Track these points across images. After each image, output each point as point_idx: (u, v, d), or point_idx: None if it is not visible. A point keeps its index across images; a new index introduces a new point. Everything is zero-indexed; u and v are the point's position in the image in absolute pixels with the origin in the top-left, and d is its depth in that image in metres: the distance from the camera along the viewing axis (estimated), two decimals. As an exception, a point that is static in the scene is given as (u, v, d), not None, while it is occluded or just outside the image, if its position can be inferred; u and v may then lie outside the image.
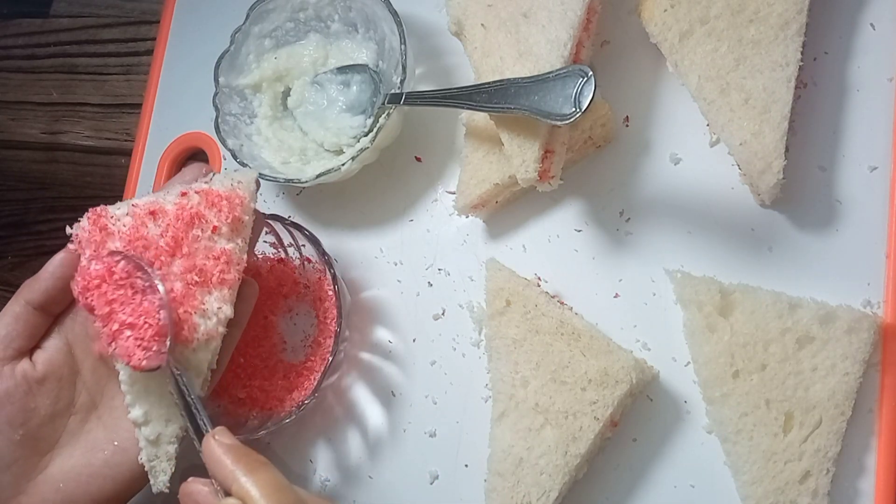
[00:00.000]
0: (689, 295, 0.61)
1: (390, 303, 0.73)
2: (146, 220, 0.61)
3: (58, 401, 0.61)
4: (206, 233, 0.61)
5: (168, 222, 0.60)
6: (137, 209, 0.61)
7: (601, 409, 0.60)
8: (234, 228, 0.62)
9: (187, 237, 0.60)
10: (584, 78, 0.58)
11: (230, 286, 0.60)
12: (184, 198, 0.61)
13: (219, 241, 0.61)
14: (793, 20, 0.60)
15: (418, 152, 0.75)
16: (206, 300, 0.59)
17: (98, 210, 0.61)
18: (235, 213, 0.61)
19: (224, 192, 0.62)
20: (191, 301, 0.59)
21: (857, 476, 0.58)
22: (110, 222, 0.60)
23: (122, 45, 0.94)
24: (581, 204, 0.69)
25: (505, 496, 0.61)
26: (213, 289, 0.60)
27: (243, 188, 0.62)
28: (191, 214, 0.61)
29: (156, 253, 0.60)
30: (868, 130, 0.62)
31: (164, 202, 0.61)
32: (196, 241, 0.60)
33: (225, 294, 0.60)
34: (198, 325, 0.59)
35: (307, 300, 0.73)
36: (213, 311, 0.59)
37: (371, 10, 0.74)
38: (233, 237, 0.61)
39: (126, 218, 0.61)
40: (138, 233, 0.60)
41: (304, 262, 0.73)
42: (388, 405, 0.71)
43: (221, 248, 0.61)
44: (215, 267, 0.60)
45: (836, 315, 0.58)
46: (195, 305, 0.59)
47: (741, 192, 0.64)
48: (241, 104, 0.78)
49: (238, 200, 0.62)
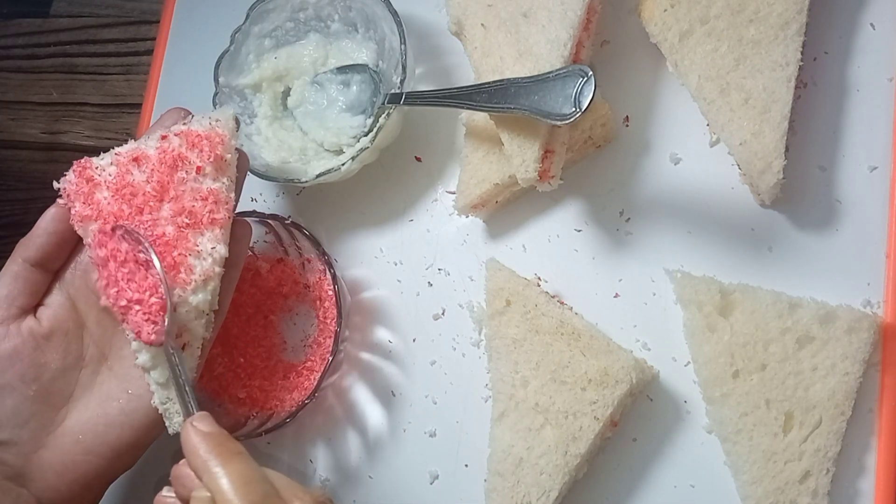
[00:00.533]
0: (689, 295, 0.61)
1: (390, 303, 0.73)
2: (130, 167, 0.61)
3: (67, 355, 0.62)
4: (190, 174, 0.61)
5: (152, 167, 0.61)
6: (120, 157, 0.62)
7: (601, 409, 0.60)
8: (218, 167, 0.62)
9: (173, 180, 0.61)
10: (584, 78, 0.58)
11: (221, 226, 0.61)
12: (164, 141, 0.62)
13: (204, 181, 0.61)
14: (793, 20, 0.60)
15: (418, 152, 0.75)
16: (198, 241, 0.60)
17: (83, 162, 0.62)
18: (217, 151, 0.62)
19: (203, 132, 0.62)
20: (184, 243, 0.60)
21: (857, 476, 0.58)
22: (95, 173, 0.61)
23: (122, 44, 0.94)
24: (581, 204, 0.69)
25: (505, 496, 0.61)
26: (205, 229, 0.61)
27: (222, 126, 0.63)
28: (173, 157, 0.61)
29: (144, 199, 0.60)
30: (868, 130, 0.62)
31: (146, 147, 0.62)
32: (182, 184, 0.61)
33: (217, 234, 0.61)
34: (194, 267, 0.59)
35: (307, 300, 0.73)
36: (208, 251, 0.60)
37: (371, 9, 0.74)
38: (218, 176, 0.62)
39: (111, 167, 0.62)
40: (124, 180, 0.61)
41: (304, 262, 0.73)
42: (388, 405, 0.71)
43: (208, 188, 0.61)
44: (204, 207, 0.61)
45: (836, 315, 0.58)
46: (189, 247, 0.60)
47: (741, 192, 0.64)
48: (240, 104, 0.78)
49: (218, 139, 0.62)
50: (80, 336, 0.62)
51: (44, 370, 0.61)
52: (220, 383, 0.72)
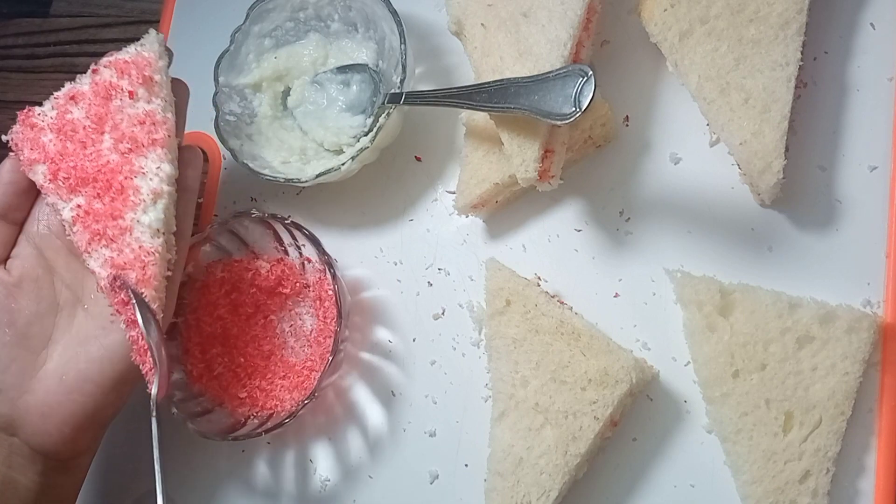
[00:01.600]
0: (689, 294, 0.61)
1: (390, 302, 0.73)
2: (69, 105, 0.64)
3: (40, 300, 0.63)
4: (125, 101, 0.63)
5: (88, 102, 0.64)
6: (59, 99, 0.65)
7: (601, 409, 0.60)
8: (150, 89, 0.64)
9: (109, 110, 0.63)
10: (584, 77, 0.58)
11: (162, 145, 0.63)
12: (96, 75, 0.64)
13: (138, 104, 0.63)
14: (793, 20, 0.60)
15: (418, 152, 0.75)
16: (142, 164, 0.62)
17: (25, 112, 0.65)
18: (145, 73, 0.64)
19: (130, 58, 0.64)
20: (129, 167, 0.62)
21: (857, 476, 0.58)
22: (38, 119, 0.64)
23: (122, 44, 0.94)
24: (581, 204, 0.69)
25: (505, 496, 0.61)
26: (147, 151, 0.62)
27: (147, 49, 0.65)
28: (105, 88, 0.63)
29: (85, 133, 0.63)
30: (868, 130, 0.62)
31: (80, 85, 0.64)
32: (119, 112, 0.63)
33: (160, 153, 0.63)
34: (140, 187, 0.62)
35: (307, 300, 0.73)
36: (153, 171, 0.62)
37: (371, 9, 0.74)
38: (151, 98, 0.64)
39: (51, 111, 0.64)
40: (64, 119, 0.64)
41: (304, 261, 0.73)
42: (388, 405, 0.71)
43: (143, 110, 0.63)
44: (142, 130, 0.63)
45: (836, 315, 0.58)
46: (133, 170, 0.62)
47: (741, 191, 0.64)
48: (241, 104, 0.78)
49: (144, 62, 0.64)
50: (50, 282, 0.64)
51: (18, 315, 0.62)
52: (220, 383, 0.72)
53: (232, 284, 0.73)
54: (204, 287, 0.73)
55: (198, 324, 0.73)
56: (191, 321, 0.73)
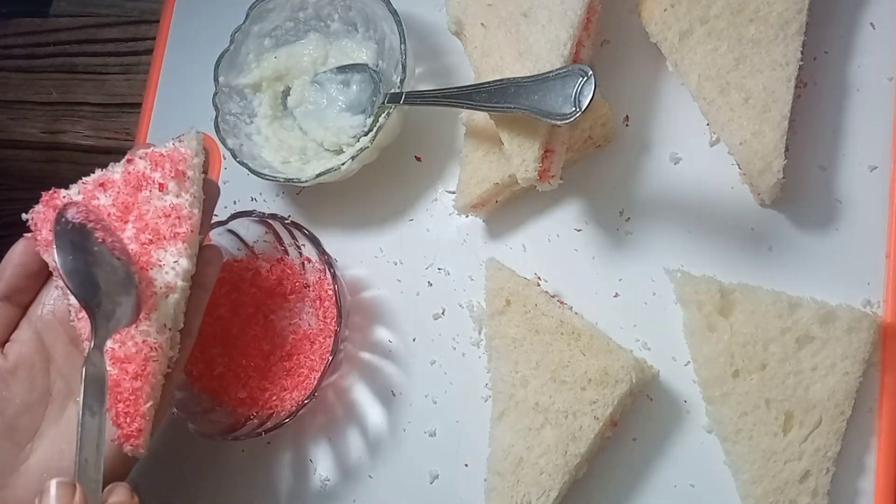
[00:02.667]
0: (689, 294, 0.61)
1: (390, 302, 0.73)
2: (96, 192, 0.62)
3: (32, 390, 0.60)
4: (153, 192, 0.62)
5: (117, 190, 0.62)
6: (87, 185, 0.63)
7: (601, 409, 0.60)
8: (180, 184, 0.62)
9: (137, 200, 0.62)
10: (584, 77, 0.58)
11: (183, 240, 0.61)
12: (130, 164, 0.63)
13: (167, 197, 0.62)
14: (793, 19, 0.60)
15: (418, 152, 0.75)
16: (161, 257, 0.60)
17: (51, 193, 0.63)
18: (178, 167, 0.62)
19: (166, 152, 0.63)
20: (146, 259, 0.60)
21: (857, 475, 0.58)
22: (62, 201, 0.62)
23: (122, 44, 0.94)
24: (581, 203, 0.69)
25: (505, 496, 0.61)
26: (168, 244, 0.60)
27: (184, 145, 0.63)
28: (137, 177, 0.62)
29: (109, 218, 0.61)
30: (868, 130, 0.62)
31: (112, 173, 0.63)
32: (146, 203, 0.61)
33: (180, 248, 0.61)
34: (154, 279, 0.59)
35: (307, 300, 0.73)
36: (170, 264, 0.60)
37: (371, 9, 0.74)
38: (180, 192, 0.62)
39: (77, 196, 0.62)
40: (88, 204, 0.61)
41: (303, 261, 0.73)
42: (388, 405, 0.71)
43: (170, 203, 0.61)
44: (166, 223, 0.61)
45: (836, 314, 0.58)
46: (151, 262, 0.60)
47: (741, 191, 0.64)
48: (240, 103, 0.78)
49: (180, 157, 0.63)
50: (46, 371, 0.61)
51: (7, 405, 0.59)
52: (221, 383, 0.72)
53: (232, 284, 0.73)
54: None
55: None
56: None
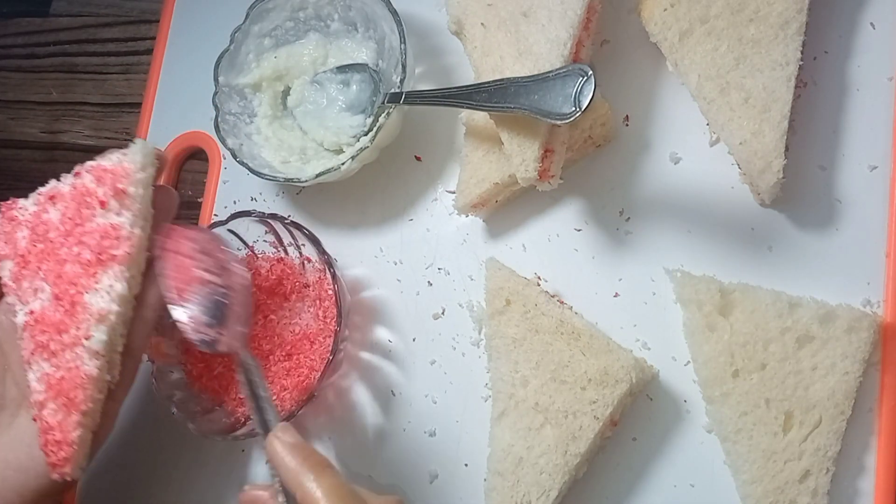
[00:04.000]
0: (689, 294, 0.61)
1: (390, 302, 0.73)
2: (47, 205, 0.61)
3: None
4: (96, 209, 0.60)
5: (65, 204, 0.61)
6: (41, 197, 0.62)
7: (601, 409, 0.60)
8: (121, 202, 0.60)
9: (80, 216, 0.60)
10: (583, 77, 0.58)
11: (121, 262, 0.58)
12: (77, 178, 0.61)
13: (108, 216, 0.60)
14: (793, 19, 0.60)
15: (418, 151, 0.75)
16: (97, 280, 0.58)
17: (9, 203, 0.62)
18: (118, 185, 0.60)
19: (110, 166, 0.60)
20: (84, 280, 0.58)
21: (856, 475, 0.58)
22: (19, 213, 0.62)
23: (122, 44, 0.94)
24: (581, 203, 0.69)
25: (505, 495, 0.61)
26: (105, 266, 0.58)
27: (129, 159, 0.60)
28: (81, 192, 0.60)
29: (56, 236, 0.60)
30: (868, 130, 0.62)
31: (62, 186, 0.62)
32: (90, 220, 0.60)
33: (116, 271, 0.58)
34: (88, 304, 0.58)
35: (307, 299, 0.73)
36: (105, 288, 0.58)
37: (371, 9, 0.74)
38: (121, 211, 0.60)
39: (32, 207, 0.62)
40: (39, 218, 0.61)
41: (304, 261, 0.73)
42: (388, 405, 0.71)
43: (111, 222, 0.59)
44: (104, 242, 0.59)
45: (836, 314, 0.58)
46: (88, 284, 0.58)
47: (741, 191, 0.64)
48: (240, 103, 0.78)
49: (123, 172, 0.60)
50: (2, 377, 0.60)
51: None
52: (220, 383, 0.72)
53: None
54: None
55: (197, 323, 0.72)
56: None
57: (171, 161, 0.84)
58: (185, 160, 0.86)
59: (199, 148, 0.84)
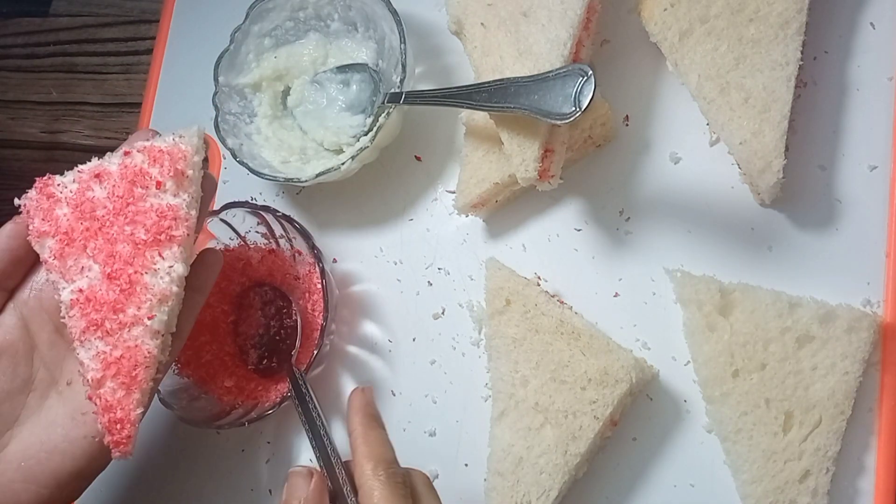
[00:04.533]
0: (689, 294, 0.61)
1: (390, 302, 0.73)
2: (91, 183, 0.60)
3: (15, 377, 0.59)
4: (150, 189, 0.59)
5: (113, 183, 0.60)
6: (83, 174, 0.60)
7: (601, 409, 0.60)
8: (179, 183, 0.60)
9: (132, 195, 0.59)
10: (583, 77, 0.58)
11: (180, 243, 0.59)
12: (127, 157, 0.60)
13: (164, 196, 0.59)
14: (793, 19, 0.60)
15: (418, 151, 0.75)
16: (155, 259, 0.58)
17: (45, 179, 0.60)
18: (178, 166, 0.60)
19: (166, 148, 0.60)
20: (141, 261, 0.58)
21: (856, 475, 0.58)
22: (57, 189, 0.60)
23: (122, 44, 0.94)
24: (581, 203, 0.69)
25: (505, 495, 0.61)
26: (163, 247, 0.58)
27: (185, 142, 0.61)
28: (133, 172, 0.60)
29: (104, 215, 0.59)
30: (868, 129, 0.62)
31: (108, 164, 0.61)
32: (142, 200, 0.59)
33: (175, 252, 0.58)
34: (149, 284, 0.58)
35: (297, 292, 0.73)
36: (165, 269, 0.58)
37: (371, 8, 0.74)
38: (178, 192, 0.60)
39: (72, 184, 0.60)
40: (84, 196, 0.60)
41: (294, 254, 0.73)
42: (387, 404, 0.71)
43: (167, 203, 0.59)
44: (162, 224, 0.59)
45: (836, 314, 0.58)
46: (146, 265, 0.58)
47: (741, 191, 0.64)
48: (240, 103, 0.78)
49: (180, 154, 0.60)
50: (30, 358, 0.60)
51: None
52: (208, 371, 0.72)
53: (223, 274, 0.73)
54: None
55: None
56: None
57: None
58: (184, 160, 0.86)
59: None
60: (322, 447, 0.62)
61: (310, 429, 0.63)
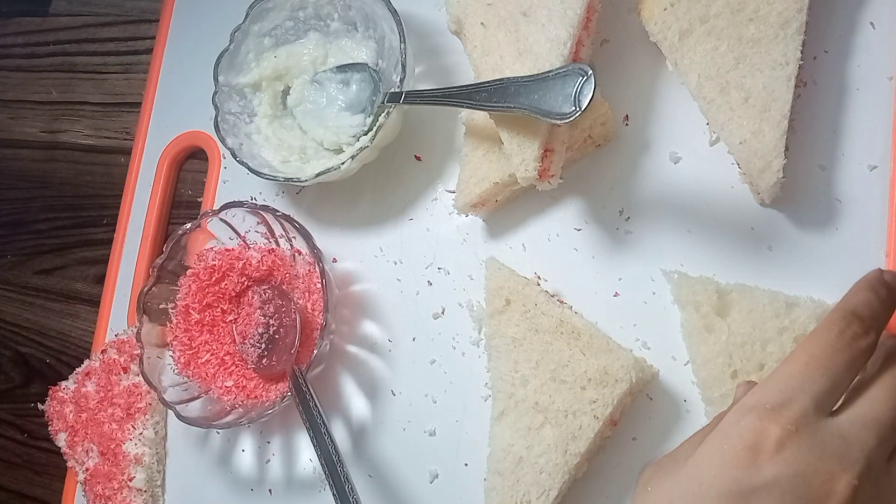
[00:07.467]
0: (686, 295, 0.60)
1: (390, 301, 0.73)
2: (84, 380, 0.78)
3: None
4: (120, 375, 0.77)
5: (98, 376, 0.78)
6: (78, 374, 0.79)
7: (601, 408, 0.60)
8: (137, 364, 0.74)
9: (110, 383, 0.77)
10: (583, 77, 0.57)
11: (144, 412, 0.75)
12: (104, 353, 0.79)
13: (130, 377, 0.76)
14: (793, 19, 0.60)
15: (418, 151, 0.75)
16: (129, 431, 0.74)
17: (54, 388, 0.80)
18: (135, 351, 0.76)
19: (126, 338, 0.79)
20: (120, 434, 0.75)
21: (856, 475, 0.58)
22: (62, 393, 0.79)
23: (122, 43, 0.94)
24: (581, 203, 0.69)
25: (504, 495, 0.61)
26: (135, 418, 0.75)
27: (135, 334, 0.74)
28: (108, 364, 0.78)
29: (96, 404, 0.76)
30: (868, 129, 0.62)
31: (93, 363, 0.79)
32: (117, 385, 0.76)
33: (143, 420, 0.75)
34: (126, 452, 0.74)
35: (297, 291, 0.73)
36: (136, 436, 0.74)
37: (371, 8, 0.74)
38: (140, 371, 0.72)
39: (72, 385, 0.79)
40: (80, 392, 0.78)
41: (294, 253, 0.73)
42: (387, 404, 0.71)
43: (132, 382, 0.76)
44: (131, 399, 0.75)
45: (836, 314, 0.58)
46: (125, 436, 0.74)
47: (741, 190, 0.64)
48: (240, 103, 0.78)
49: (133, 342, 0.76)
50: None
51: None
52: (208, 371, 0.72)
53: (222, 273, 0.74)
54: (194, 275, 0.74)
55: (187, 311, 0.73)
56: (180, 308, 0.74)
57: (170, 161, 0.84)
58: (184, 160, 0.86)
59: (199, 147, 0.84)
60: (323, 446, 0.62)
61: (311, 427, 0.63)
